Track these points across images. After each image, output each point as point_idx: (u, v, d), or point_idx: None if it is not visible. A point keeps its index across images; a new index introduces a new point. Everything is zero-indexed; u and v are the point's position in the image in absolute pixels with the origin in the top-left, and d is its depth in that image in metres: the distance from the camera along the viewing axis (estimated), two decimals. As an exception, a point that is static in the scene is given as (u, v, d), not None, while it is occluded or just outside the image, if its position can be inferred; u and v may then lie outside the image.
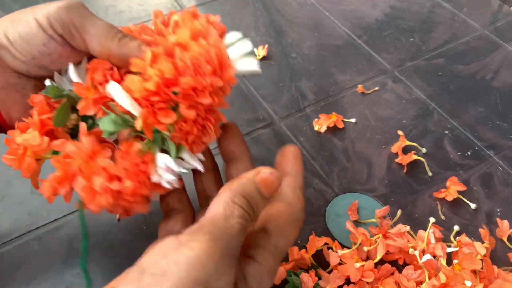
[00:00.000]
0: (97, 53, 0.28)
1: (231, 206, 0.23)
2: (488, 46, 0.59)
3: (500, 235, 0.40)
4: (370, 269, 0.36)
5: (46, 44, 0.28)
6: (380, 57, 0.58)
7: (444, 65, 0.57)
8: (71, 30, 0.27)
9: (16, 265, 0.38)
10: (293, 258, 0.37)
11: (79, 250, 0.39)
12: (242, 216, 0.23)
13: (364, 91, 0.53)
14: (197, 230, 0.22)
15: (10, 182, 0.44)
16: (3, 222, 0.41)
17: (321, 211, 0.42)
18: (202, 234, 0.21)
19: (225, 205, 0.23)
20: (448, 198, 0.42)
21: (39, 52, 0.28)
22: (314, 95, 0.53)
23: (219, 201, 0.23)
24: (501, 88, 0.54)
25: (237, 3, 0.66)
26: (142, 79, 0.25)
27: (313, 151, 0.47)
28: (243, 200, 0.23)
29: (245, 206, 0.23)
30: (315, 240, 0.38)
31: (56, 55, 0.29)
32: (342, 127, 0.49)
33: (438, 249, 0.36)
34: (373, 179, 0.45)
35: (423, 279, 0.35)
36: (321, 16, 0.64)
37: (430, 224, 0.39)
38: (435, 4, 0.66)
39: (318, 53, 0.59)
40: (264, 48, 0.58)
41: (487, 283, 0.35)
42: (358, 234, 0.38)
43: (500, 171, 0.45)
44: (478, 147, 0.48)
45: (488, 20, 0.63)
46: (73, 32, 0.27)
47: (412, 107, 0.52)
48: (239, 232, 0.22)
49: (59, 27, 0.27)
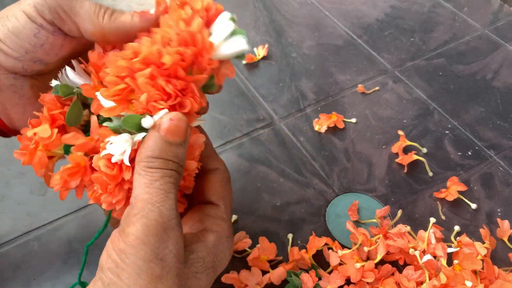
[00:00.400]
0: (90, 34, 0.27)
1: (149, 172, 0.23)
2: (488, 46, 0.59)
3: (500, 235, 0.40)
4: (370, 269, 0.36)
5: (37, 35, 0.27)
6: (381, 57, 0.58)
7: (445, 65, 0.57)
8: (60, 13, 0.27)
9: (16, 265, 0.38)
10: (293, 258, 0.37)
11: (78, 250, 0.39)
12: (165, 175, 0.23)
13: (364, 91, 0.53)
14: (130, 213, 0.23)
15: (10, 182, 0.43)
16: (2, 222, 0.41)
17: (321, 211, 0.42)
18: (134, 216, 0.22)
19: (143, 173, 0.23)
20: (448, 198, 0.42)
21: (31, 45, 0.27)
22: (314, 95, 0.53)
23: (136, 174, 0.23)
24: (502, 88, 0.54)
25: (237, 3, 0.65)
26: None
27: (313, 151, 0.47)
28: (156, 161, 0.23)
29: (162, 165, 0.23)
30: (315, 240, 0.38)
31: (49, 45, 0.28)
32: (342, 127, 0.49)
33: (438, 249, 0.36)
34: (374, 179, 0.45)
35: (424, 279, 0.35)
36: (321, 15, 0.64)
37: (431, 224, 0.39)
38: (436, 4, 0.66)
39: (318, 52, 0.58)
40: (264, 47, 0.58)
41: (488, 284, 0.35)
42: (359, 234, 0.38)
43: (500, 171, 0.45)
44: (478, 147, 0.48)
45: (488, 20, 0.63)
46: (62, 15, 0.27)
47: (413, 107, 0.52)
48: (169, 191, 0.23)
49: (47, 13, 0.26)
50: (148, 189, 0.23)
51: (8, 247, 0.39)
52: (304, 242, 0.40)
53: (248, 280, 0.36)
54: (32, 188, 0.43)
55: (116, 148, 0.24)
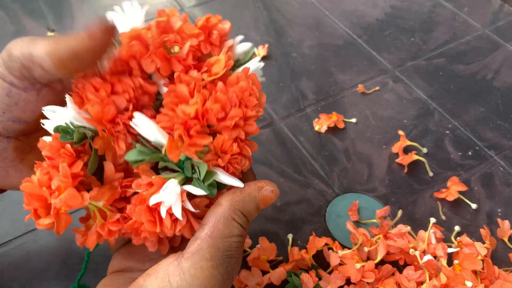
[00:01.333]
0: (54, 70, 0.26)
1: (231, 224, 0.23)
2: (488, 46, 0.59)
3: (501, 235, 0.40)
4: (370, 269, 0.36)
5: (9, 94, 0.27)
6: (381, 56, 0.58)
7: (445, 65, 0.57)
8: (25, 63, 0.26)
9: (16, 265, 0.38)
10: (293, 258, 0.37)
11: (78, 251, 0.39)
12: (241, 234, 0.23)
13: (364, 91, 0.53)
14: (198, 254, 0.22)
15: (10, 182, 0.44)
16: (2, 222, 0.41)
17: (321, 212, 0.42)
18: (205, 261, 0.22)
19: (225, 222, 0.23)
20: (448, 198, 0.42)
21: (5, 104, 0.27)
22: (314, 95, 0.53)
23: (219, 215, 0.23)
24: (502, 88, 0.54)
25: (237, 3, 0.65)
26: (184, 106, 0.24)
27: (313, 151, 0.47)
28: (243, 218, 0.23)
29: (244, 224, 0.23)
30: (315, 240, 0.38)
31: (23, 102, 0.27)
32: (342, 127, 0.49)
33: (438, 250, 0.36)
34: (374, 179, 0.45)
35: (424, 279, 0.35)
36: (322, 15, 0.64)
37: (431, 224, 0.39)
38: (436, 3, 0.66)
39: (318, 52, 0.58)
40: (264, 47, 0.58)
41: (488, 284, 0.35)
42: (359, 235, 0.38)
43: (501, 171, 0.45)
44: (479, 147, 0.48)
45: (488, 20, 0.63)
46: (27, 64, 0.26)
47: (413, 107, 0.52)
48: (237, 250, 0.23)
49: (15, 67, 0.26)
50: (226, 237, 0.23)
51: (8, 247, 0.39)
52: (304, 242, 0.40)
53: (248, 280, 0.36)
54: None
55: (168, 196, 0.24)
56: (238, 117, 0.24)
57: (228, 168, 0.25)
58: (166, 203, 0.23)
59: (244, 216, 0.24)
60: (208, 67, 0.26)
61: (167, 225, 0.24)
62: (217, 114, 0.24)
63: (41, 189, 0.24)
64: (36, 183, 0.24)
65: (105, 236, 0.26)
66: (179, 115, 0.24)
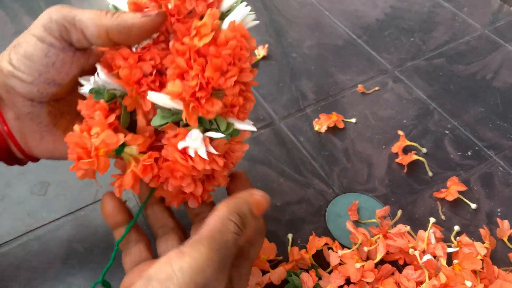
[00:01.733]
0: (96, 38, 0.28)
1: (227, 222, 0.26)
2: (488, 46, 0.59)
3: (500, 235, 0.40)
4: (370, 269, 0.36)
5: (48, 54, 0.28)
6: (380, 57, 0.58)
7: (445, 65, 0.57)
8: (66, 26, 0.28)
9: (16, 265, 0.38)
10: (293, 258, 0.37)
11: (78, 250, 0.39)
12: (236, 232, 0.26)
13: (364, 91, 0.53)
14: (198, 242, 0.24)
15: (10, 182, 0.44)
16: (3, 222, 0.41)
17: (321, 211, 0.42)
18: (202, 246, 0.24)
19: (222, 221, 0.26)
20: (448, 198, 0.42)
21: (43, 65, 0.28)
22: (314, 95, 0.53)
23: (217, 216, 0.26)
24: (502, 88, 0.54)
25: (237, 2, 0.65)
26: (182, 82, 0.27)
27: (313, 151, 0.47)
28: (237, 217, 0.26)
29: (238, 223, 0.26)
30: (315, 240, 0.38)
31: (60, 63, 0.29)
32: (342, 127, 0.49)
33: (438, 249, 0.36)
34: (373, 179, 0.45)
35: (423, 279, 0.35)
36: (322, 15, 0.64)
37: (431, 224, 0.39)
38: (435, 4, 0.66)
39: (318, 53, 0.59)
40: (264, 47, 0.58)
41: (488, 283, 0.35)
42: (359, 234, 0.38)
43: (500, 171, 0.45)
44: (478, 147, 0.48)
45: (488, 20, 0.63)
46: (68, 27, 0.28)
47: (413, 107, 0.52)
48: (232, 245, 0.25)
49: (55, 29, 0.28)
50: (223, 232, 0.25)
51: (8, 247, 0.39)
52: (304, 242, 0.40)
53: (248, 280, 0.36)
54: (32, 188, 0.43)
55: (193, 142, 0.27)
56: (236, 75, 0.27)
57: (239, 116, 0.29)
58: (192, 147, 0.27)
59: (240, 216, 0.26)
60: (197, 29, 0.27)
61: (197, 160, 0.27)
62: (218, 80, 0.26)
63: (82, 134, 0.27)
64: (78, 132, 0.27)
65: (140, 173, 0.28)
66: (186, 88, 0.26)
